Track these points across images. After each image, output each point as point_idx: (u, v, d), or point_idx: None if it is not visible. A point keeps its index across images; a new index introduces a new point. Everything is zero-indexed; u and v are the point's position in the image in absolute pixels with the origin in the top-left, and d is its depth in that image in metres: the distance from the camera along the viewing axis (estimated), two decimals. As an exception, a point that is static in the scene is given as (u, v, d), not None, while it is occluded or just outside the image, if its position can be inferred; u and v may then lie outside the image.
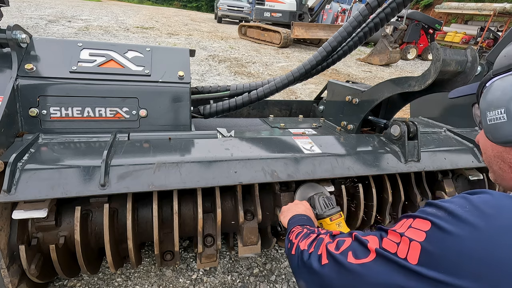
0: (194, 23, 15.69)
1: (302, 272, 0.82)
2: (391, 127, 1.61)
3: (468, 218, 0.55)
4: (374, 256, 0.65)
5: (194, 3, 33.30)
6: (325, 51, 1.80)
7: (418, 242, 0.58)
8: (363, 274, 0.65)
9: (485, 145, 0.77)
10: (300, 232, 0.96)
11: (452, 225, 0.56)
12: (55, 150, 1.24)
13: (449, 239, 0.55)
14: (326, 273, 0.73)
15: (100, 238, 1.33)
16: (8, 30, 1.28)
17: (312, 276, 0.77)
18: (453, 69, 1.28)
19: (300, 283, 0.84)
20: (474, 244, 0.52)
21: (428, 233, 0.58)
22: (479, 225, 0.53)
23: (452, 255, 0.53)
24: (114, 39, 8.56)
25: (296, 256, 0.87)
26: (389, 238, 0.64)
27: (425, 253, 0.57)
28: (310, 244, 0.84)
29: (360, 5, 7.59)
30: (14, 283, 1.17)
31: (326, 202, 1.28)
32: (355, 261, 0.67)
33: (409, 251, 0.59)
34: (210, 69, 6.70)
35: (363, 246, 0.68)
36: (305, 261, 0.81)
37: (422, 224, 0.60)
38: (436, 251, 0.55)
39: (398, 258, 0.60)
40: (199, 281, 1.71)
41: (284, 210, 1.26)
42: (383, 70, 9.09)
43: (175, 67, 1.58)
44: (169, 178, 1.20)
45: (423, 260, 0.56)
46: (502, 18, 13.97)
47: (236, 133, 1.62)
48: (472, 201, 0.58)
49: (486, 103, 0.71)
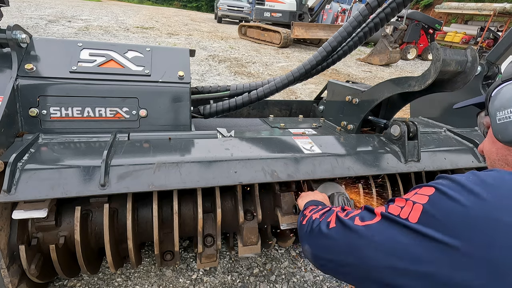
0: (194, 23, 15.69)
1: (310, 237, 0.87)
2: (391, 127, 1.61)
3: (471, 187, 0.58)
4: (379, 218, 0.69)
5: (194, 3, 33.29)
6: (325, 51, 1.79)
7: (421, 203, 0.62)
8: (367, 234, 0.69)
9: (490, 151, 0.81)
10: (315, 208, 1.02)
11: (454, 191, 0.59)
12: (55, 150, 1.24)
13: (450, 203, 0.58)
14: (332, 235, 0.78)
15: (100, 238, 1.33)
16: (8, 30, 1.28)
17: (318, 239, 0.83)
18: (453, 69, 1.28)
19: (305, 247, 0.88)
20: (473, 211, 0.55)
21: (431, 196, 0.62)
22: (480, 193, 0.57)
23: (450, 217, 0.57)
24: (114, 39, 8.56)
25: (306, 224, 0.92)
26: (395, 204, 0.69)
27: (425, 213, 0.60)
28: (321, 214, 0.90)
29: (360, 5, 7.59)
30: (14, 283, 1.17)
31: (345, 202, 1.30)
32: (361, 223, 0.71)
33: (411, 212, 0.62)
34: (210, 69, 6.70)
35: (370, 211, 0.73)
36: (314, 227, 0.86)
37: (427, 190, 0.64)
38: (436, 212, 0.59)
39: (399, 219, 0.64)
40: (199, 281, 1.71)
41: (303, 195, 1.29)
42: (383, 70, 9.09)
43: (175, 67, 1.58)
44: (169, 178, 1.20)
45: (423, 219, 0.60)
46: (502, 18, 13.97)
47: (236, 133, 1.62)
48: (478, 174, 0.62)
49: (496, 105, 0.75)
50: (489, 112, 0.78)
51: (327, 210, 0.93)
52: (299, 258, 1.94)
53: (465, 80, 1.31)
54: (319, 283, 1.79)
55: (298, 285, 1.76)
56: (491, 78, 2.17)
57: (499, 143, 0.76)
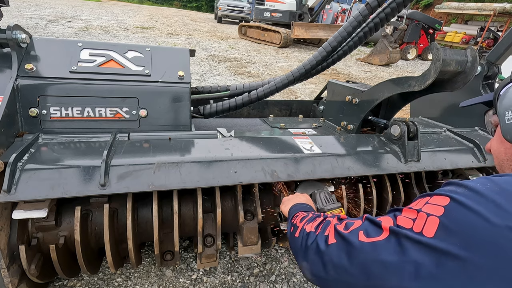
0: (194, 23, 15.69)
1: (306, 255, 0.78)
2: (391, 127, 1.61)
3: (492, 196, 0.53)
4: (388, 234, 0.62)
5: (194, 3, 33.28)
6: (325, 51, 1.80)
7: (436, 216, 0.56)
8: (374, 253, 0.62)
9: (498, 150, 0.80)
10: (305, 216, 0.93)
11: (473, 201, 0.54)
12: (55, 150, 1.24)
13: (469, 215, 0.53)
14: (332, 252, 0.70)
15: (100, 238, 1.33)
16: (8, 30, 1.28)
17: (317, 257, 0.74)
18: (453, 69, 1.28)
19: (303, 264, 0.80)
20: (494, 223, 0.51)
21: (446, 207, 0.56)
22: (502, 203, 0.52)
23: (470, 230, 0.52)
24: (114, 39, 8.56)
25: (300, 238, 0.83)
26: (404, 215, 0.62)
27: (443, 226, 0.55)
28: (317, 226, 0.81)
29: (360, 5, 7.59)
30: (14, 283, 1.17)
31: (327, 197, 1.29)
32: (366, 240, 0.64)
33: (425, 225, 0.57)
34: (210, 69, 6.70)
35: (376, 225, 0.66)
36: (311, 242, 0.77)
37: (440, 200, 0.59)
38: (455, 225, 0.54)
39: (412, 233, 0.57)
40: (199, 281, 1.71)
41: (285, 200, 1.23)
42: (383, 70, 9.09)
43: (175, 67, 1.58)
44: (169, 178, 1.20)
45: (440, 234, 0.54)
46: (502, 18, 13.97)
47: (236, 133, 1.62)
48: (494, 179, 0.57)
49: (505, 105, 0.74)
50: (497, 111, 0.77)
51: (322, 221, 0.84)
52: (299, 258, 1.94)
53: (465, 80, 1.31)
54: (319, 283, 1.79)
55: (298, 285, 1.76)
56: (491, 78, 2.17)
57: (507, 143, 0.75)
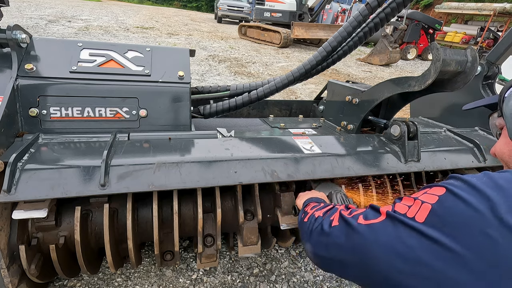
0: (194, 23, 15.69)
1: (311, 235, 0.85)
2: (391, 127, 1.61)
3: (485, 190, 0.55)
4: (384, 217, 0.66)
5: (194, 3, 33.28)
6: (325, 51, 1.80)
7: (429, 203, 0.60)
8: (370, 233, 0.66)
9: (501, 152, 0.80)
10: (316, 205, 0.99)
11: (466, 193, 0.56)
12: (55, 150, 1.24)
13: (460, 205, 0.55)
14: (334, 233, 0.76)
15: (100, 238, 1.33)
16: (8, 30, 1.28)
17: (320, 237, 0.80)
18: (453, 69, 1.28)
19: (307, 246, 0.86)
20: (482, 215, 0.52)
21: (441, 197, 0.59)
22: (493, 197, 0.53)
23: (458, 219, 0.54)
24: (114, 39, 8.56)
25: (308, 222, 0.89)
26: (403, 203, 0.66)
27: (433, 213, 0.58)
28: (325, 212, 0.88)
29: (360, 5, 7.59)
30: (14, 283, 1.17)
31: (344, 198, 1.29)
32: (364, 222, 0.69)
33: (419, 211, 0.60)
34: (210, 69, 6.70)
35: (375, 210, 0.71)
36: (316, 225, 0.84)
37: (437, 190, 0.62)
38: (444, 213, 0.56)
39: (405, 218, 0.61)
40: (199, 281, 1.71)
41: (301, 194, 1.28)
42: (383, 70, 9.09)
43: (175, 67, 1.58)
44: (169, 178, 1.20)
45: (430, 219, 0.57)
46: (502, 18, 13.97)
47: (236, 133, 1.62)
48: (491, 175, 0.59)
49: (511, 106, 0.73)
50: (503, 113, 0.76)
51: (331, 208, 0.90)
52: (299, 258, 1.94)
53: (465, 80, 1.31)
54: (319, 283, 1.79)
55: (298, 285, 1.76)
56: (491, 78, 2.17)
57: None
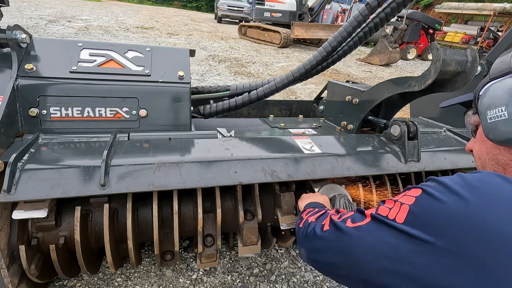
0: (194, 23, 15.69)
1: (305, 240, 0.89)
2: (391, 127, 1.60)
3: (456, 189, 0.59)
4: (369, 220, 0.70)
5: (194, 3, 33.28)
6: (325, 51, 1.79)
7: (407, 204, 0.64)
8: (357, 235, 0.70)
9: (479, 151, 0.81)
10: (311, 211, 1.04)
11: (440, 192, 0.61)
12: (55, 150, 1.24)
13: (435, 203, 0.60)
14: (325, 237, 0.79)
15: (100, 238, 1.33)
16: (8, 30, 1.28)
17: (312, 242, 0.84)
18: (453, 69, 1.28)
19: (301, 251, 0.90)
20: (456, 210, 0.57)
21: (417, 198, 0.64)
22: (463, 194, 0.58)
23: (434, 217, 0.58)
24: (114, 39, 8.56)
25: (303, 228, 0.93)
26: (385, 205, 0.70)
27: (411, 214, 0.62)
28: (317, 218, 0.92)
29: (360, 5, 7.59)
30: (14, 283, 1.17)
31: (347, 204, 1.28)
32: (352, 225, 0.73)
33: (398, 213, 0.64)
34: (210, 69, 6.70)
35: (361, 213, 0.75)
36: (309, 230, 0.87)
37: (414, 192, 0.66)
38: (420, 212, 0.61)
39: (387, 219, 0.65)
40: (199, 281, 1.71)
41: (304, 196, 1.30)
42: (383, 70, 9.09)
43: (175, 67, 1.58)
44: (169, 178, 1.20)
45: (409, 219, 0.62)
46: (502, 18, 13.97)
47: (236, 133, 1.62)
48: (464, 176, 0.63)
49: (487, 103, 0.73)
50: (478, 110, 0.77)
51: (323, 213, 0.94)
52: (299, 258, 1.94)
53: (465, 80, 1.31)
54: (319, 283, 1.79)
55: (298, 285, 1.76)
56: (491, 78, 2.17)
57: (489, 142, 0.75)
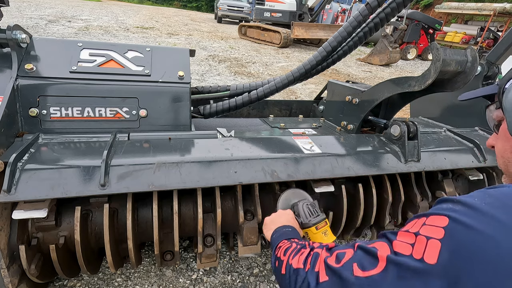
0: (194, 23, 15.69)
1: None
2: (391, 127, 1.61)
3: (489, 211, 0.50)
4: (385, 264, 0.56)
5: (194, 3, 33.28)
6: (325, 51, 1.80)
7: (437, 239, 0.52)
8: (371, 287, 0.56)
9: (502, 148, 0.73)
10: (289, 247, 0.85)
11: (472, 218, 0.50)
12: (55, 150, 1.24)
13: (472, 234, 0.49)
14: None
15: (100, 238, 1.33)
16: (8, 30, 1.28)
17: None
18: (453, 69, 1.28)
19: None
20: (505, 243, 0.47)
21: (447, 228, 0.52)
22: (502, 218, 0.48)
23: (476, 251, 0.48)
24: (114, 39, 8.56)
25: (288, 276, 0.75)
26: (401, 240, 0.57)
27: (446, 250, 0.50)
28: (304, 261, 0.73)
29: (360, 5, 7.59)
30: (14, 283, 1.17)
31: (311, 209, 1.22)
32: (363, 274, 0.58)
33: (426, 250, 0.52)
34: (210, 69, 6.70)
35: (371, 255, 0.60)
36: (300, 282, 0.69)
37: (438, 221, 0.54)
38: (459, 248, 0.49)
39: (412, 261, 0.53)
40: (199, 281, 1.71)
41: (267, 222, 1.16)
42: (383, 70, 9.09)
43: (175, 67, 1.58)
44: (169, 178, 1.20)
45: (444, 258, 0.50)
46: (502, 18, 13.97)
47: (236, 133, 1.62)
48: (491, 193, 0.54)
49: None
50: (503, 105, 0.70)
51: (309, 253, 0.76)
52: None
53: (465, 80, 1.31)
54: (319, 283, 1.79)
55: (298, 285, 1.76)
56: (491, 78, 2.17)
57: None
